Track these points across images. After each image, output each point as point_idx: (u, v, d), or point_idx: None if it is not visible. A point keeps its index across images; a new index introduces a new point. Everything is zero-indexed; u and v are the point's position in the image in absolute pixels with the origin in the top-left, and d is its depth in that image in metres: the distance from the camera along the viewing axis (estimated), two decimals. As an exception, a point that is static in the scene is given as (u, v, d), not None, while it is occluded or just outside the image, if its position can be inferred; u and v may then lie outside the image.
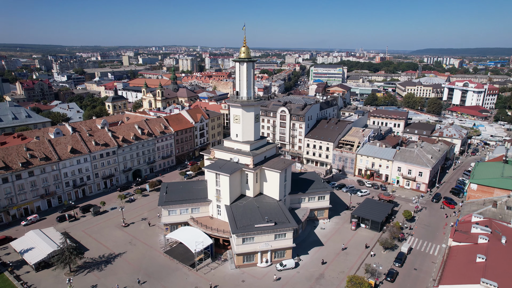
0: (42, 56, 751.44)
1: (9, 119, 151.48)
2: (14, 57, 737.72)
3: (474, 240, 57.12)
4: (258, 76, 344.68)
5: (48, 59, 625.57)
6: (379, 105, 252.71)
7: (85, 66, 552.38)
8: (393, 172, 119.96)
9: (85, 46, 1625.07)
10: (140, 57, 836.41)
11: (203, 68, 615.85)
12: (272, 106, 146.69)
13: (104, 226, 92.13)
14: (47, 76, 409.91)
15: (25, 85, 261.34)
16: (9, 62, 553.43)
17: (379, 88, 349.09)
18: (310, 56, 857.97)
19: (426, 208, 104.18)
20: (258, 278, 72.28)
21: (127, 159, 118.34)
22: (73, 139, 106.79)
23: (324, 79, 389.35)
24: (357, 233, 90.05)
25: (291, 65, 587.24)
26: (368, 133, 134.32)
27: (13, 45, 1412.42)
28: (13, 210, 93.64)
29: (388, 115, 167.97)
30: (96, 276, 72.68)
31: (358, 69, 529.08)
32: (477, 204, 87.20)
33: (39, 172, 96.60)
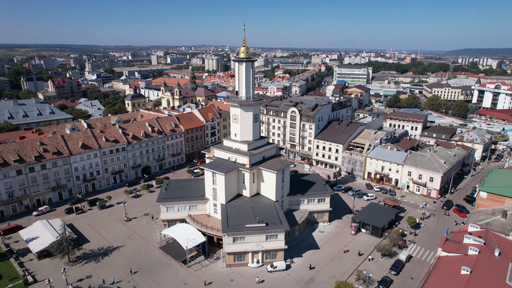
0: (78, 56, 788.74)
1: (34, 115, 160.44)
2: (53, 57, 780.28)
3: (464, 251, 53.98)
4: (279, 76, 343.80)
5: (82, 58, 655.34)
6: (402, 107, 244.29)
7: (115, 65, 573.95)
8: (403, 177, 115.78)
9: (118, 45, 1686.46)
10: (168, 56, 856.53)
11: (228, 67, 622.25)
12: (283, 107, 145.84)
13: (108, 219, 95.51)
14: (79, 74, 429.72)
15: (56, 83, 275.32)
16: (47, 61, 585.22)
17: (405, 90, 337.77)
18: (338, 57, 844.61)
19: (435, 216, 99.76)
20: (247, 278, 72.28)
21: (137, 156, 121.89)
22: (84, 135, 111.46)
23: (348, 79, 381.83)
24: (357, 238, 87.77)
25: (317, 66, 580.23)
26: (380, 136, 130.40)
27: (53, 45, 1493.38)
28: (26, 201, 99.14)
29: (406, 117, 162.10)
30: (92, 267, 75.57)
31: (385, 70, 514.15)
32: (486, 213, 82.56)
33: (51, 166, 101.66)
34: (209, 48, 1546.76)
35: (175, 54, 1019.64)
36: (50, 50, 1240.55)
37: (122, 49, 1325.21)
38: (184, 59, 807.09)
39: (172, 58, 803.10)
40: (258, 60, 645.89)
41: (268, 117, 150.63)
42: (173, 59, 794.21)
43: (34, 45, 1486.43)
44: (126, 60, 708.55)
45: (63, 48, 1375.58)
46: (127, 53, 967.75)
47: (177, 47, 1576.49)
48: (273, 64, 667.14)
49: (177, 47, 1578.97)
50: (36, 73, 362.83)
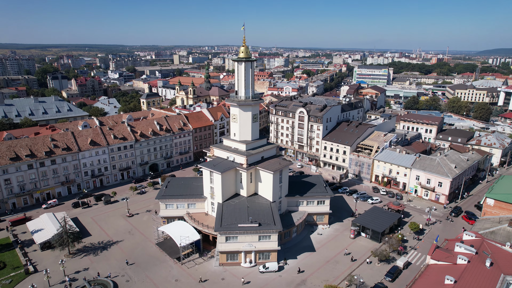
0: (105, 55, 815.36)
1: (53, 112, 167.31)
2: (81, 56, 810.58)
3: (453, 260, 51.61)
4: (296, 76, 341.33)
5: (107, 58, 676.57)
6: (420, 109, 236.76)
7: (138, 64, 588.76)
8: (411, 181, 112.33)
9: (144, 45, 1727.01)
10: (191, 56, 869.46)
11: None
12: (292, 107, 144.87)
13: (111, 214, 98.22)
14: (103, 73, 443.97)
15: (79, 82, 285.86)
16: (75, 60, 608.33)
17: (427, 91, 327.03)
18: (361, 57, 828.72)
19: (441, 222, 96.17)
20: (238, 277, 72.27)
21: (144, 153, 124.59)
22: (94, 132, 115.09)
23: (368, 80, 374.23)
24: (355, 242, 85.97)
25: (337, 66, 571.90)
26: (390, 138, 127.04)
27: (83, 45, 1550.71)
28: (37, 194, 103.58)
29: (420, 119, 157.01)
30: (91, 260, 77.99)
31: (408, 71, 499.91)
32: (492, 221, 78.87)
33: (61, 161, 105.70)
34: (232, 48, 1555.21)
35: (197, 53, 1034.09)
36: (80, 50, 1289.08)
37: (147, 49, 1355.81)
38: (205, 59, 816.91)
39: (194, 58, 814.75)
40: (278, 60, 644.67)
41: (277, 117, 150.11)
42: (194, 58, 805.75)
43: (65, 45, 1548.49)
44: (149, 59, 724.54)
45: (92, 48, 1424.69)
46: (151, 53, 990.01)
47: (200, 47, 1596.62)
48: (293, 64, 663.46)
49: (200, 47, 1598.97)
50: (61, 72, 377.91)
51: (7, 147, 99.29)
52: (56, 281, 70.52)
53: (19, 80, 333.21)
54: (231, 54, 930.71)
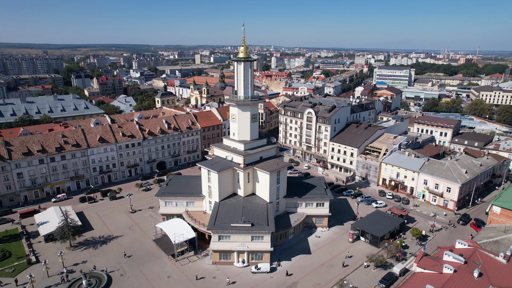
0: (130, 55, 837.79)
1: (71, 109, 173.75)
2: (107, 56, 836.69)
3: (440, 269, 49.40)
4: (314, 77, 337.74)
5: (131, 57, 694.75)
6: (440, 111, 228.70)
7: (160, 63, 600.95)
8: (419, 185, 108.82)
9: (168, 45, 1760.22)
10: (212, 56, 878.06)
11: (268, 67, 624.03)
12: (300, 108, 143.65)
13: (115, 210, 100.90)
14: (125, 72, 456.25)
15: (100, 81, 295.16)
16: (100, 60, 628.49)
17: (450, 93, 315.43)
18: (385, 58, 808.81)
19: (447, 229, 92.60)
20: (229, 277, 72.46)
21: (152, 151, 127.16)
22: (103, 129, 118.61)
23: (388, 81, 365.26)
24: (353, 246, 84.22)
25: (359, 66, 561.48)
26: (399, 141, 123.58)
27: (110, 45, 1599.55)
28: (47, 188, 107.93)
29: (435, 122, 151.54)
30: (90, 253, 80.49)
31: (432, 72, 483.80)
32: (497, 230, 75.21)
33: (70, 157, 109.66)
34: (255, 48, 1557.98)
35: (220, 53, 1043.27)
36: (107, 49, 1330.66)
37: (171, 48, 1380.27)
38: (227, 59, 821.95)
39: (216, 58, 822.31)
40: (298, 60, 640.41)
41: (285, 117, 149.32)
42: (216, 58, 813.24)
43: (94, 45, 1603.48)
44: (171, 59, 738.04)
45: (118, 47, 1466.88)
46: (175, 52, 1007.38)
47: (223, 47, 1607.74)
48: (314, 64, 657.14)
49: (223, 47, 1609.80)
50: (84, 71, 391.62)
51: (20, 142, 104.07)
52: (54, 272, 73.29)
53: (46, 78, 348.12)
54: (253, 54, 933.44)
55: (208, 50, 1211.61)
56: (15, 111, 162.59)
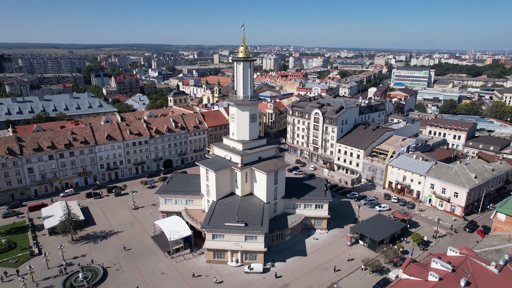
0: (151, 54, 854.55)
1: (85, 107, 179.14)
2: (129, 55, 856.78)
3: (425, 276, 47.60)
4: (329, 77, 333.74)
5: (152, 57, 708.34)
6: (458, 113, 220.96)
7: (178, 63, 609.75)
8: (425, 189, 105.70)
9: (189, 45, 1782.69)
10: (231, 56, 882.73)
11: (286, 67, 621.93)
12: (308, 108, 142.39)
13: (119, 206, 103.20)
14: (144, 72, 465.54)
15: (118, 80, 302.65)
16: (121, 59, 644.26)
17: (472, 95, 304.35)
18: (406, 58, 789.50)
19: (452, 235, 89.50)
20: (222, 276, 72.81)
21: (159, 149, 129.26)
22: (111, 127, 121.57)
23: (407, 82, 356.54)
24: (351, 249, 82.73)
25: (378, 67, 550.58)
26: (408, 143, 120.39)
27: (132, 45, 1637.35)
28: (56, 183, 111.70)
29: (448, 124, 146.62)
30: (89, 247, 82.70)
31: (454, 73, 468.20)
32: (501, 239, 72.09)
33: (78, 153, 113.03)
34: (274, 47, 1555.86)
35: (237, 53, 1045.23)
36: (129, 49, 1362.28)
37: (192, 48, 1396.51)
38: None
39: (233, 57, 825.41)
40: (316, 60, 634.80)
41: (293, 118, 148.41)
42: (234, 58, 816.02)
43: (117, 44, 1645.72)
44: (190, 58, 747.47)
45: (140, 47, 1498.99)
46: (195, 52, 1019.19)
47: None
48: (332, 64, 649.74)
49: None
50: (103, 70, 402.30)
51: (31, 138, 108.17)
52: (54, 264, 75.69)
53: (68, 77, 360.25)
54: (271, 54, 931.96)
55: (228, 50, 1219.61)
56: (33, 108, 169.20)
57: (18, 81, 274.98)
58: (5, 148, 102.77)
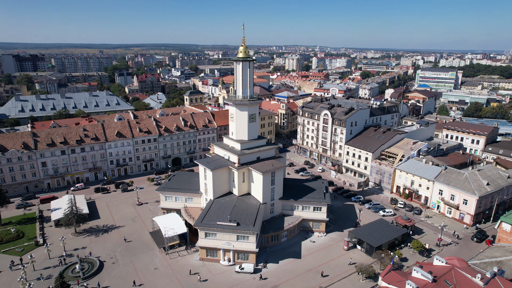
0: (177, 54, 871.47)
1: (103, 105, 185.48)
2: (157, 55, 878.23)
3: (403, 285, 45.58)
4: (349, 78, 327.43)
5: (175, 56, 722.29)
6: (484, 117, 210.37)
7: (202, 63, 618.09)
8: (434, 195, 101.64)
9: (215, 45, 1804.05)
10: (255, 56, 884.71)
11: (309, 67, 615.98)
12: (318, 109, 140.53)
13: (123, 202, 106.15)
14: (167, 71, 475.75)
15: (140, 79, 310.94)
16: (146, 58, 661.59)
17: (503, 98, 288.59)
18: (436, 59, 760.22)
19: (457, 244, 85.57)
20: (213, 274, 73.35)
21: (167, 147, 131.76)
22: (121, 124, 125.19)
23: (432, 84, 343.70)
24: (347, 254, 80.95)
25: (404, 68, 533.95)
26: (418, 147, 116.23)
27: (160, 45, 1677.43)
28: (68, 177, 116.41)
29: (466, 128, 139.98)
30: (91, 240, 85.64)
31: (486, 74, 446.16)
32: (505, 250, 68.23)
33: (89, 149, 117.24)
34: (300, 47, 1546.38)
35: (264, 53, 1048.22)
36: (157, 48, 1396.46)
37: (218, 48, 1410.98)
38: (268, 59, 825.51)
39: (258, 58, 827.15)
40: (340, 61, 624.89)
41: (303, 118, 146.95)
42: (258, 58, 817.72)
43: (145, 44, 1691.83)
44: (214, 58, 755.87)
45: (167, 47, 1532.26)
46: (220, 52, 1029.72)
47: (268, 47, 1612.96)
48: (357, 65, 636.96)
49: (268, 47, 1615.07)
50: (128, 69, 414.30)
51: (46, 134, 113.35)
52: (56, 255, 78.94)
53: (94, 76, 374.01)
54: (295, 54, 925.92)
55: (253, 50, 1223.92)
56: (55, 105, 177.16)
57: (46, 79, 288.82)
58: (20, 143, 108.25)
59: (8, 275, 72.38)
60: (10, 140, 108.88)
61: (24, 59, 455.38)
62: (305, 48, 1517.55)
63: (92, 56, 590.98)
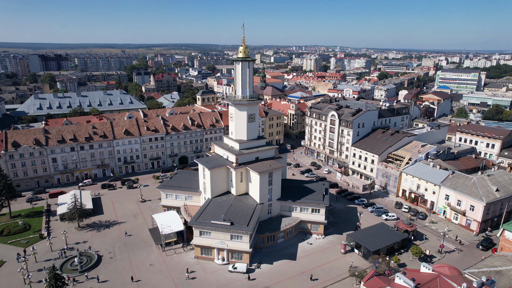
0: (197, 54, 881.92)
1: (117, 103, 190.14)
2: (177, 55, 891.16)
3: (384, 291, 44.33)
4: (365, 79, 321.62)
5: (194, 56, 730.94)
6: (505, 120, 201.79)
7: (219, 63, 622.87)
8: (440, 200, 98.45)
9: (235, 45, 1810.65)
10: (272, 56, 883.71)
11: (327, 68, 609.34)
12: (325, 110, 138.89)
13: (128, 198, 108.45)
14: (185, 71, 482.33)
15: (156, 78, 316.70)
16: (166, 58, 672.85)
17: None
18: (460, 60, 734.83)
19: (461, 252, 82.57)
20: (205, 272, 73.82)
21: (174, 146, 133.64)
22: (130, 123, 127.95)
23: (453, 85, 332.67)
24: (344, 258, 79.65)
25: (425, 69, 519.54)
26: (427, 150, 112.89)
27: (181, 45, 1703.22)
28: (77, 173, 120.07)
29: (480, 132, 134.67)
30: (92, 235, 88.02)
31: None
32: (506, 260, 65.32)
33: (97, 146, 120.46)
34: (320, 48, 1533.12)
35: (283, 53, 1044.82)
36: (178, 48, 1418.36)
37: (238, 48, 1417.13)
38: (287, 59, 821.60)
39: (276, 58, 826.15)
40: (359, 61, 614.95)
41: (311, 119, 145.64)
42: (276, 58, 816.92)
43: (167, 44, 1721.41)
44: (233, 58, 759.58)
45: (188, 47, 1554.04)
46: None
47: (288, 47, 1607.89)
48: (376, 66, 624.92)
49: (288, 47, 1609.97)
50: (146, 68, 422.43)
51: (57, 131, 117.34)
52: (58, 248, 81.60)
53: (113, 75, 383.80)
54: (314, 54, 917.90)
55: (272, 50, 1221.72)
56: (71, 103, 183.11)
57: (67, 78, 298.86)
58: (33, 139, 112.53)
59: (12, 266, 75.28)
60: (23, 136, 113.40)
61: (49, 58, 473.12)
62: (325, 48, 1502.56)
63: (113, 55, 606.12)
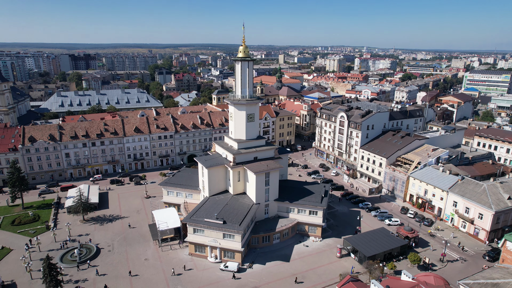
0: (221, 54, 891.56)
1: (134, 102, 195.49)
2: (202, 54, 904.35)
3: (358, 297, 42.80)
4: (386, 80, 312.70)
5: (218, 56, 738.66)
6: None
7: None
8: (448, 207, 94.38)
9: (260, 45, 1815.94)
10: (296, 56, 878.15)
11: (351, 69, 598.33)
12: (335, 111, 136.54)
13: (133, 194, 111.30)
14: (207, 70, 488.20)
15: (177, 77, 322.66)
16: (190, 58, 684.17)
17: None
18: (495, 60, 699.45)
19: (465, 261, 78.78)
20: (198, 270, 74.54)
21: (183, 144, 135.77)
22: (140, 120, 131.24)
23: (482, 87, 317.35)
24: (339, 262, 78.05)
25: (453, 70, 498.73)
26: (438, 154, 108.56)
27: (207, 45, 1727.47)
28: (88, 168, 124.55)
29: (501, 136, 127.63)
30: (95, 228, 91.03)
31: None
32: (506, 272, 61.80)
33: (108, 143, 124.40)
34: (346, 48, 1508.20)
35: (308, 53, 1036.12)
36: (204, 48, 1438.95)
37: (263, 49, 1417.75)
38: (311, 59, 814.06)
39: (299, 58, 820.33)
40: (384, 62, 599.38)
41: (321, 120, 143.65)
42: (300, 59, 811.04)
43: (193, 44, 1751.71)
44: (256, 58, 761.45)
45: (214, 47, 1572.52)
46: (264, 52, 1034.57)
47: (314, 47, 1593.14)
48: (402, 67, 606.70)
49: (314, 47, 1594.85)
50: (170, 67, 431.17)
51: (70, 127, 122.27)
52: (61, 239, 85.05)
53: (136, 74, 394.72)
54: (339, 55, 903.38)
55: (297, 51, 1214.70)
56: (91, 101, 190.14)
57: (92, 77, 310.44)
58: (48, 135, 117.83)
59: (18, 254, 79.01)
60: (39, 132, 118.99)
61: (78, 58, 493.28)
62: (351, 48, 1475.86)
63: (139, 55, 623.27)
